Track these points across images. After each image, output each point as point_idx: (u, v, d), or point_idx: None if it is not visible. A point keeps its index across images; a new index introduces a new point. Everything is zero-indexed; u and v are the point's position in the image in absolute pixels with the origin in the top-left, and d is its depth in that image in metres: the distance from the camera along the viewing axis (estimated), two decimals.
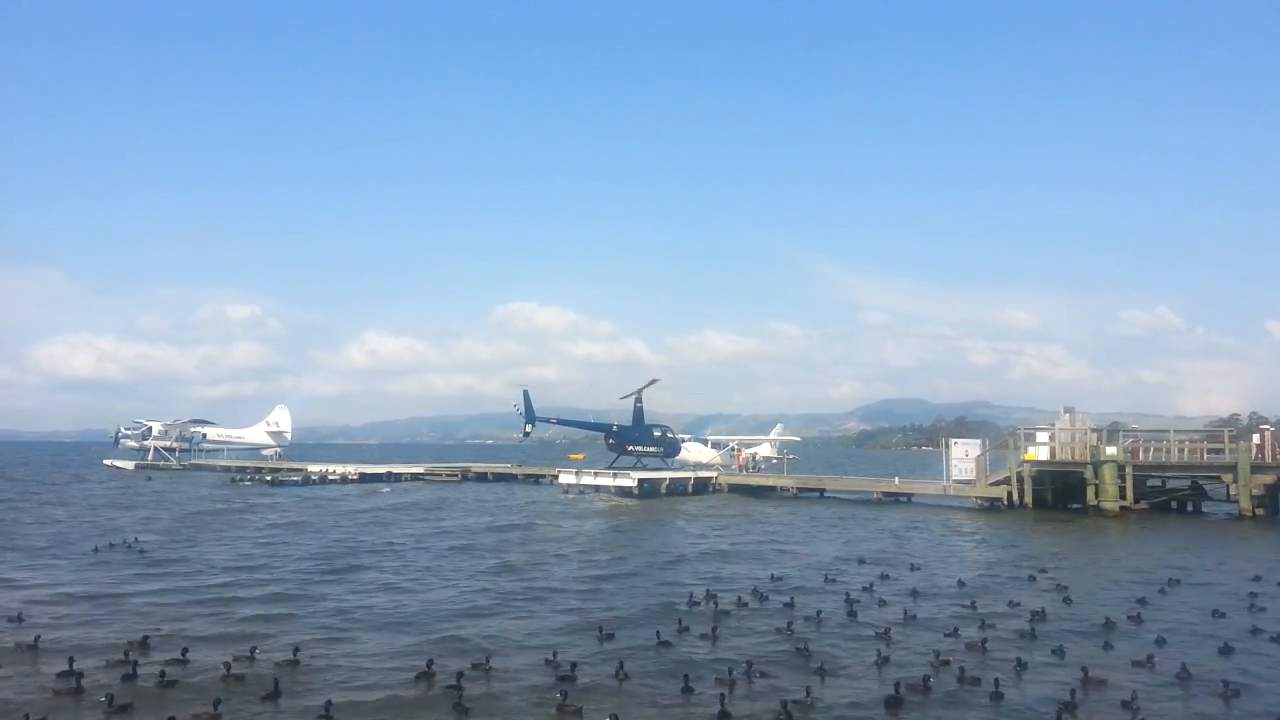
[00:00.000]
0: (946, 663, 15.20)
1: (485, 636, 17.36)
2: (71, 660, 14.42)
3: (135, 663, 14.50)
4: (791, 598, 21.01)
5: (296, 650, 15.33)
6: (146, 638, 16.46)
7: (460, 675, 13.97)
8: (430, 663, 14.72)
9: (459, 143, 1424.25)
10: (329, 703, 12.74)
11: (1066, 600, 21.26)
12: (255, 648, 15.58)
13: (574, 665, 14.86)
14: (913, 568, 26.70)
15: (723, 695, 13.21)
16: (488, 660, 15.07)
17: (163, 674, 14.02)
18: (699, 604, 20.46)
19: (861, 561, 27.73)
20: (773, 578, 24.24)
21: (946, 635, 17.52)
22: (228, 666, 14.46)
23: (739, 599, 20.86)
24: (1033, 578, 24.60)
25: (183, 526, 36.00)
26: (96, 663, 14.76)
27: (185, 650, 15.26)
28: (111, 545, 29.12)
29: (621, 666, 14.60)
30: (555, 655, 15.47)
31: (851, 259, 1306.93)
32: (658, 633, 17.20)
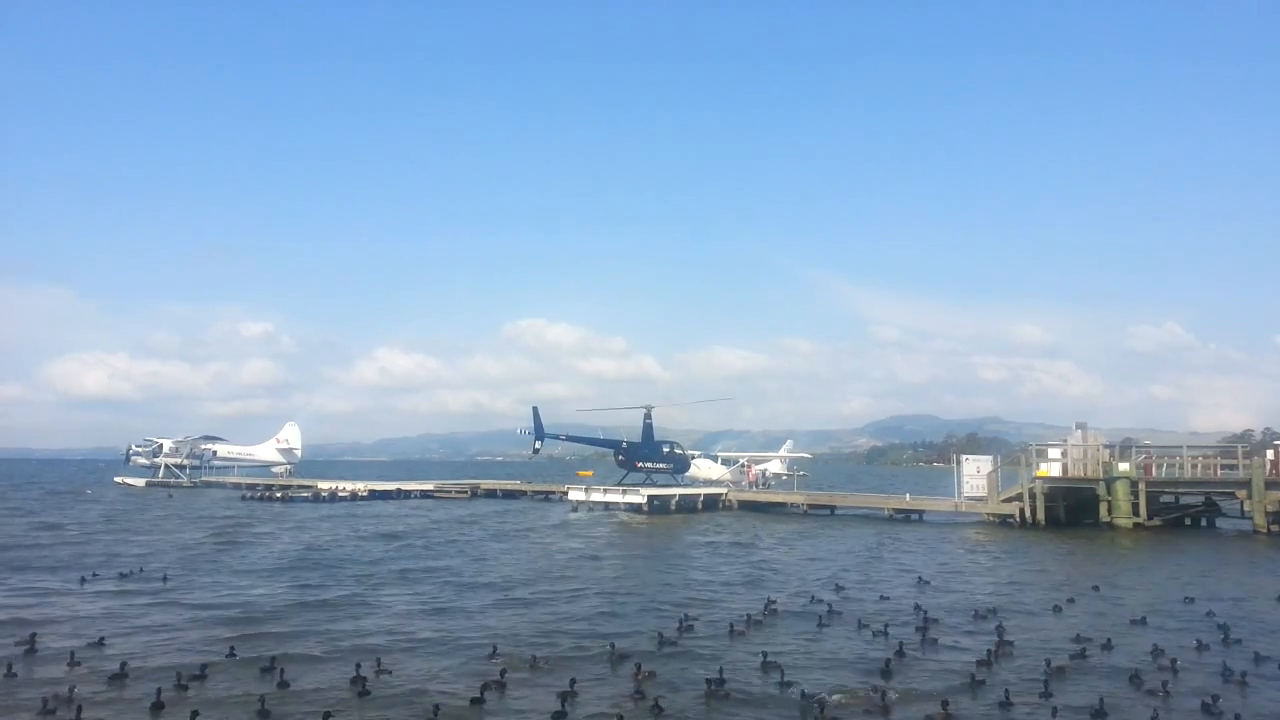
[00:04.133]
0: (946, 704, 13.90)
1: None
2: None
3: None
4: (822, 616, 20.71)
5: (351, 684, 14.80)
6: (236, 649, 16.56)
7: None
8: (504, 671, 14.95)
9: (470, 158, 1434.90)
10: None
11: (1141, 624, 20.35)
12: (367, 676, 14.84)
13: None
14: (921, 581, 26.62)
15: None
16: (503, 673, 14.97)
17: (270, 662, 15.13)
18: (690, 627, 19.49)
19: (836, 585, 26.11)
20: (768, 602, 22.70)
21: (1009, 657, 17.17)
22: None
23: (731, 626, 19.48)
24: (1069, 601, 23.42)
25: (206, 548, 35.22)
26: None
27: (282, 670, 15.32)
28: (125, 574, 27.59)
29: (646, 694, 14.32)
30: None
31: (862, 274, 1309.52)
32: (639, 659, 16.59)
